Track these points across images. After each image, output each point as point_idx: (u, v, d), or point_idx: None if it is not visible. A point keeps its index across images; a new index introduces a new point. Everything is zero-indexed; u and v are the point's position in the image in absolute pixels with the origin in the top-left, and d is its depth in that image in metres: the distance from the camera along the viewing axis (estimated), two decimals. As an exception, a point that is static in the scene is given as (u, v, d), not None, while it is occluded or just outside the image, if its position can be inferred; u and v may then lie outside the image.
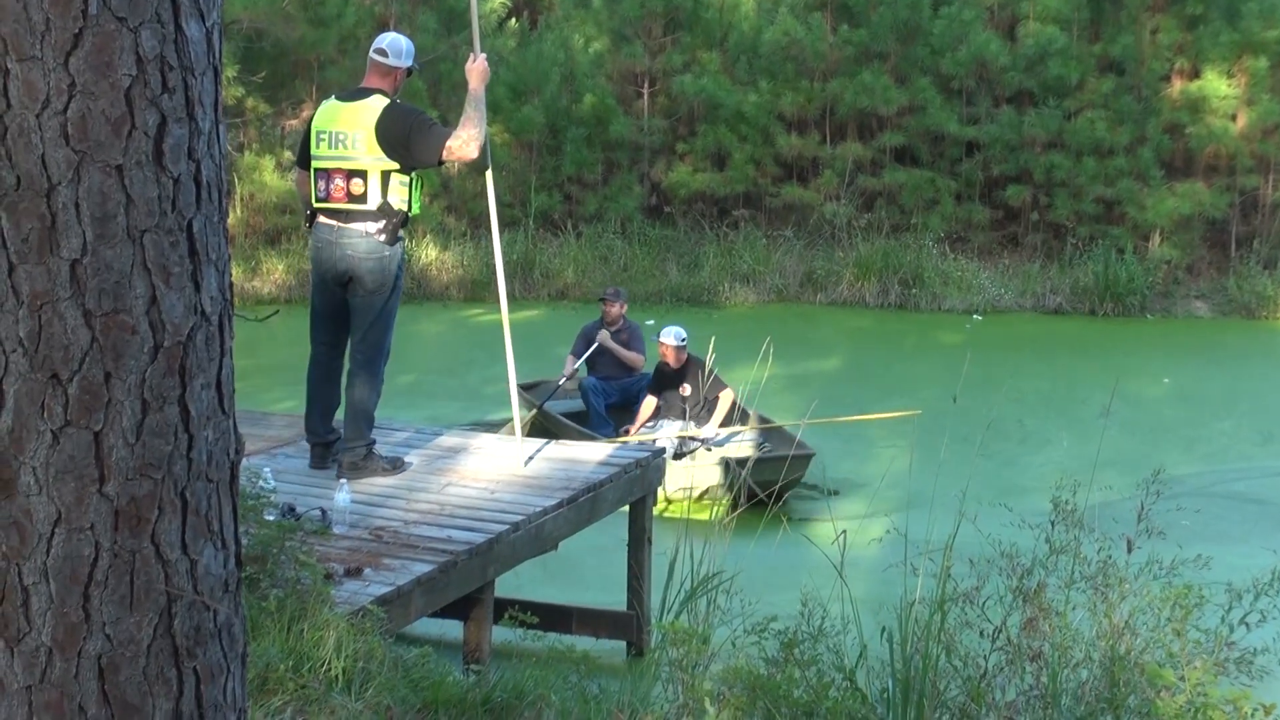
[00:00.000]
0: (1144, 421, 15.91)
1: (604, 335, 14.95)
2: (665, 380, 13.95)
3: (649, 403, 13.93)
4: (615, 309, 15.09)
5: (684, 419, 13.77)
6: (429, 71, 26.51)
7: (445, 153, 7.88)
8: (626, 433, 13.70)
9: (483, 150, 8.06)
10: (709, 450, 13.19)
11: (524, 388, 13.90)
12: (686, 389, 13.76)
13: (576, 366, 15.04)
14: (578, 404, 14.97)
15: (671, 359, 13.84)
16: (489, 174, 8.65)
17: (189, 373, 2.85)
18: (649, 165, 28.67)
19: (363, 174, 7.94)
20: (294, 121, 26.08)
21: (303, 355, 8.47)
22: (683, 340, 13.79)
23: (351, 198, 7.98)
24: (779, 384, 16.19)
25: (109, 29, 2.70)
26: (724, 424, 13.56)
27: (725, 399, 13.55)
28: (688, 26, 28.53)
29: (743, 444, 13.42)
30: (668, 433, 13.50)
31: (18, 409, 2.73)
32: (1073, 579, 6.00)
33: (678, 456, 13.01)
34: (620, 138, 28.04)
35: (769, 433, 13.87)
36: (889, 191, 27.41)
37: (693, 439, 13.38)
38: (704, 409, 13.70)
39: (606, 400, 14.53)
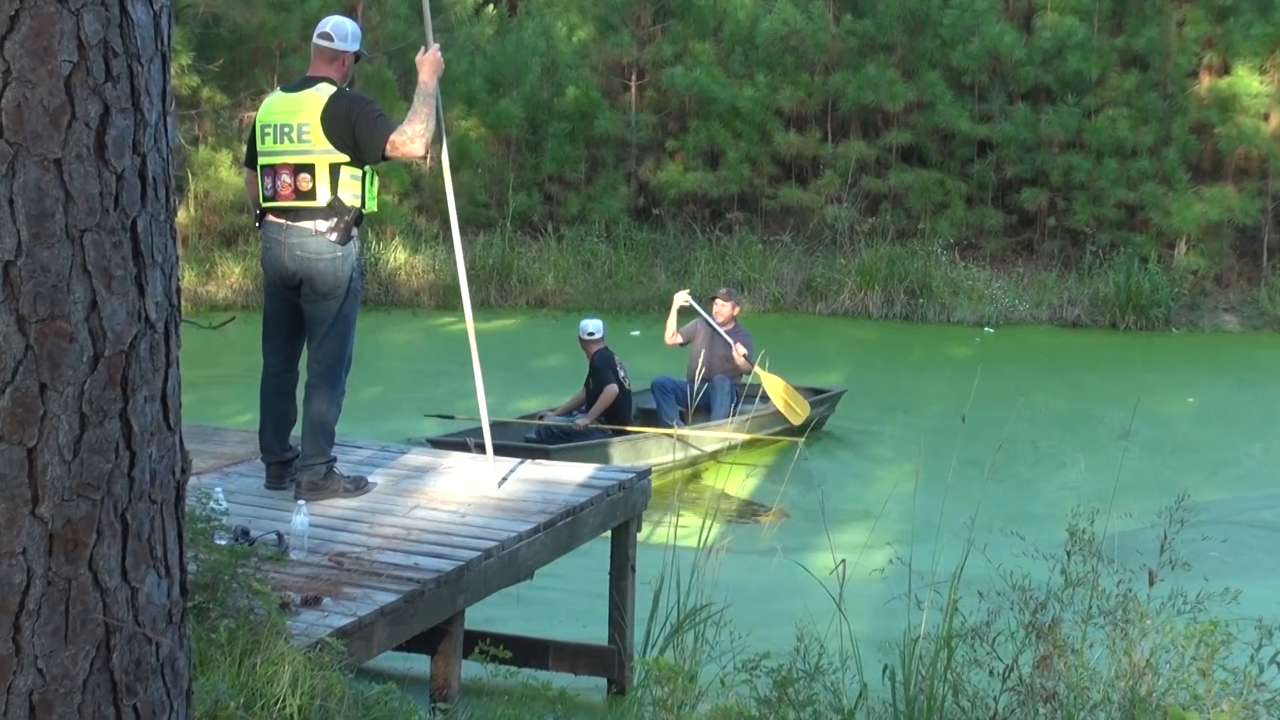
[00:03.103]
0: (1167, 443, 15.92)
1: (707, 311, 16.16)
2: (589, 373, 15.12)
3: (579, 395, 15.17)
4: (725, 309, 16.12)
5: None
6: (398, 61, 26.49)
7: (389, 147, 7.86)
8: (542, 417, 15.09)
9: (432, 141, 8.05)
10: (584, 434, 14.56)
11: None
12: (593, 382, 14.92)
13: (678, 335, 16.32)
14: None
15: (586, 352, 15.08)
16: (446, 166, 8.65)
17: (132, 384, 2.83)
18: (636, 164, 28.67)
19: (310, 168, 7.93)
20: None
21: (258, 366, 8.45)
22: (590, 334, 14.89)
23: (299, 194, 7.96)
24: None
25: (48, 11, 2.68)
26: (611, 420, 14.76)
27: (605, 394, 14.63)
28: (679, 14, 28.56)
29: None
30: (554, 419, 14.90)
31: (-56, 423, 2.71)
32: (1090, 614, 5.99)
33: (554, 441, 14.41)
34: (605, 134, 28.05)
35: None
36: (895, 194, 27.45)
37: (575, 429, 14.59)
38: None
39: (679, 402, 15.37)
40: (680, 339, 16.24)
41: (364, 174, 8.06)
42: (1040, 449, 15.63)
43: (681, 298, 16.17)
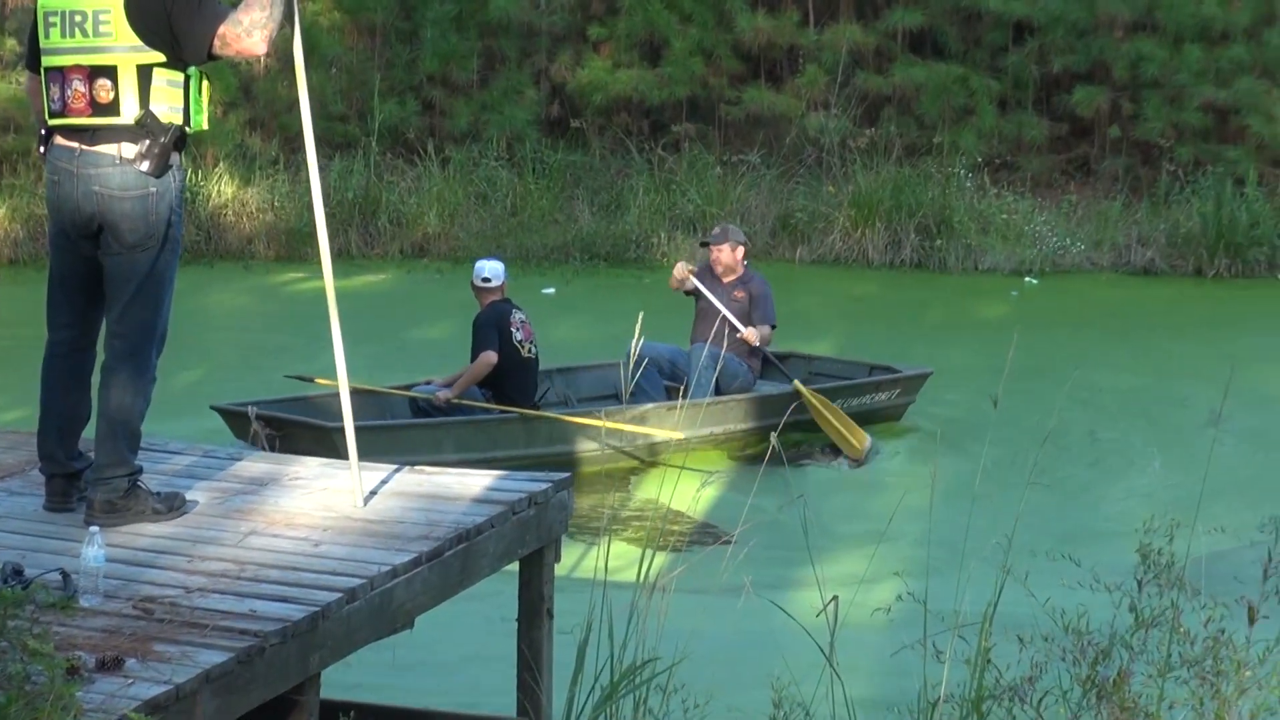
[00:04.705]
0: (1273, 433, 16.02)
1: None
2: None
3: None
4: (725, 254, 16.09)
5: None
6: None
7: (218, 43, 7.77)
8: (429, 382, 15.28)
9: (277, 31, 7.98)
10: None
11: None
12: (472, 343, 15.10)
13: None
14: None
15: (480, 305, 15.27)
16: (299, 64, 8.54)
17: None
18: (548, 59, 28.67)
19: (112, 71, 7.83)
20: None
21: (36, 341, 8.40)
22: (484, 280, 15.11)
23: (97, 108, 7.87)
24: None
25: None
26: (501, 398, 14.90)
27: (478, 362, 14.75)
28: None
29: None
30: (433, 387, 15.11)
31: None
32: (1169, 664, 6.05)
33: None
34: (505, 18, 28.00)
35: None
36: (901, 96, 27.54)
37: (435, 403, 14.82)
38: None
39: (662, 374, 15.55)
40: (691, 283, 16.07)
41: (187, 79, 7.96)
42: (1101, 442, 15.73)
43: (681, 271, 16.08)
